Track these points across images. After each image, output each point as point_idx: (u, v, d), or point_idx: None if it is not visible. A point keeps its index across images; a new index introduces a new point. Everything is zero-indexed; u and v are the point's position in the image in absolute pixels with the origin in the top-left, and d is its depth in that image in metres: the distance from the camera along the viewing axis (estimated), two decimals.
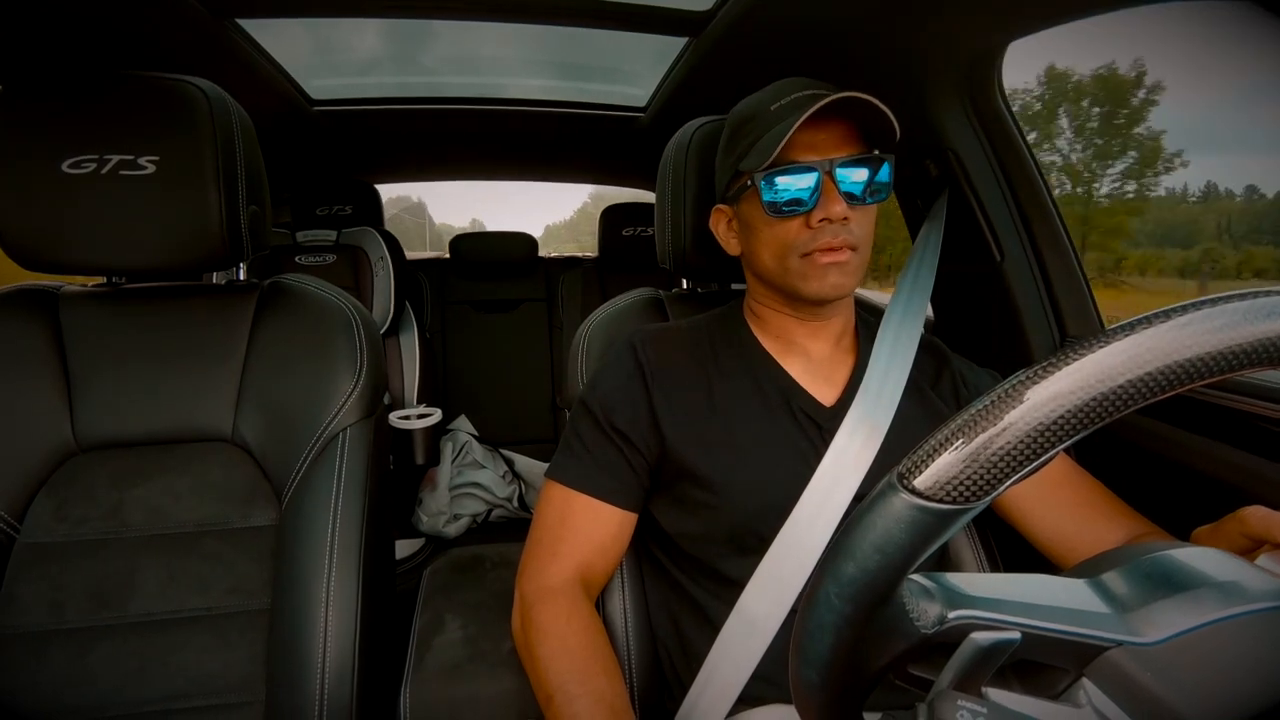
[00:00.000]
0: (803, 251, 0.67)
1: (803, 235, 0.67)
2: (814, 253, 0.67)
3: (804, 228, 0.67)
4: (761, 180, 0.67)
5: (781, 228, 0.68)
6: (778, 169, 0.66)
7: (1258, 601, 0.30)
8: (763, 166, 0.66)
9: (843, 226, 0.66)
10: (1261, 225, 18.62)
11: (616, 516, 0.72)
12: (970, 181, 0.99)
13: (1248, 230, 28.71)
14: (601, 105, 1.64)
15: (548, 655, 0.65)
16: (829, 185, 0.66)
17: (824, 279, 0.67)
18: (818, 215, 0.66)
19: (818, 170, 0.65)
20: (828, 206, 0.65)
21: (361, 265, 1.98)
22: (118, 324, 0.83)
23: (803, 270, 0.68)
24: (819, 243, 0.66)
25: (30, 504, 0.76)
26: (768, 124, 0.67)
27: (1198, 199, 13.65)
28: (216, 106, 0.78)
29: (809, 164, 0.66)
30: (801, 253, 0.67)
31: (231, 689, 0.73)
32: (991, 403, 0.29)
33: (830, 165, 0.65)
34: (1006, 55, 0.93)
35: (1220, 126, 45.78)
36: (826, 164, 0.65)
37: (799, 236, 0.67)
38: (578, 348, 0.87)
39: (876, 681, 0.34)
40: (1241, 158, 78.13)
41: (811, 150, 0.66)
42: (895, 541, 0.30)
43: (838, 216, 0.65)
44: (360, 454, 0.80)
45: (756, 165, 0.66)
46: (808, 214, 0.66)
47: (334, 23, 1.25)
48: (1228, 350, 0.27)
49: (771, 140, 0.64)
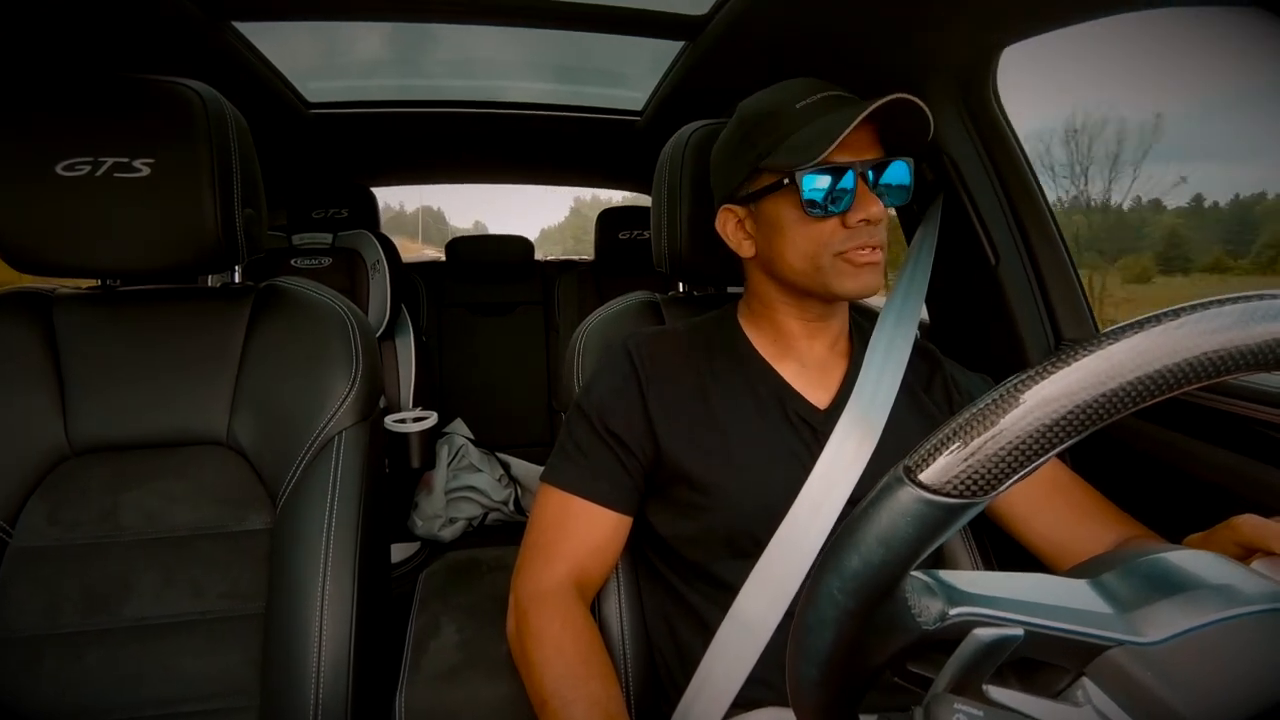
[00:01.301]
0: (837, 250, 0.67)
1: (839, 234, 0.67)
2: (849, 251, 0.67)
3: (840, 227, 0.67)
4: (803, 177, 0.66)
5: (817, 227, 0.68)
6: (819, 168, 0.65)
7: (1257, 604, 0.30)
8: (807, 164, 0.65)
9: (874, 228, 0.67)
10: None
11: (612, 520, 0.72)
12: (965, 185, 0.99)
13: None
14: (598, 109, 1.64)
15: (543, 660, 0.65)
16: (863, 186, 0.66)
17: (859, 278, 0.68)
18: (857, 215, 0.66)
19: (853, 170, 0.66)
20: (867, 207, 0.66)
21: (357, 268, 1.97)
22: (112, 327, 0.83)
23: (837, 269, 0.68)
24: (856, 242, 0.67)
25: (23, 507, 0.76)
26: (796, 122, 0.67)
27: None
28: (212, 109, 0.77)
29: (846, 164, 0.66)
30: (836, 251, 0.67)
31: (226, 693, 0.73)
32: (1001, 396, 0.29)
33: (864, 166, 0.66)
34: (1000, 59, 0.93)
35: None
36: (860, 165, 0.66)
37: (834, 235, 0.67)
38: (574, 351, 0.87)
39: (875, 678, 0.34)
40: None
41: (843, 151, 0.66)
42: (900, 535, 0.30)
43: (877, 218, 0.66)
44: (356, 458, 0.80)
45: (796, 163, 0.65)
46: (844, 214, 0.66)
47: (330, 26, 1.25)
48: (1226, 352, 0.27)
49: (822, 137, 0.64)
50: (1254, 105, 8.51)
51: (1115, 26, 0.76)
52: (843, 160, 0.66)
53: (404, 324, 2.04)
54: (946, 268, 0.96)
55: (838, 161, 0.65)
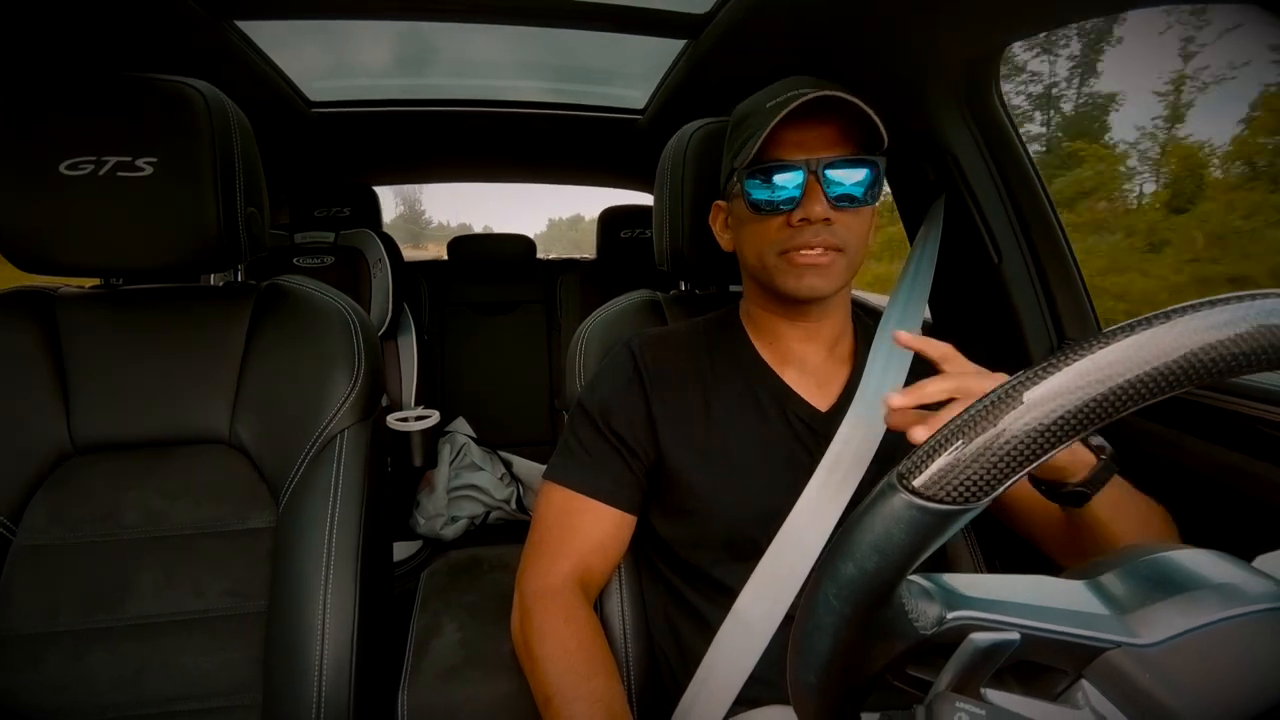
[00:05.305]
0: (780, 249, 0.67)
1: (782, 234, 0.67)
2: (790, 251, 0.67)
3: (784, 226, 0.67)
4: (746, 177, 0.67)
5: (763, 225, 0.68)
6: (762, 166, 0.66)
7: (1255, 603, 0.30)
8: (745, 164, 0.65)
9: (824, 227, 0.65)
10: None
11: (614, 518, 0.72)
12: (968, 184, 0.99)
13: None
14: (599, 108, 1.64)
15: (547, 656, 0.65)
16: (814, 185, 0.65)
17: (800, 279, 0.67)
18: (798, 215, 0.65)
19: (803, 169, 0.65)
20: (808, 206, 0.65)
21: (360, 267, 1.97)
22: (115, 326, 0.83)
23: (780, 268, 0.68)
24: (797, 242, 0.66)
25: (26, 506, 0.76)
26: (761, 122, 0.66)
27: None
28: (214, 108, 0.78)
29: (795, 163, 0.65)
30: (779, 250, 0.67)
31: (228, 691, 0.73)
32: (991, 403, 0.29)
33: (817, 165, 0.65)
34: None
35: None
36: (814, 163, 0.65)
37: (778, 235, 0.67)
38: (576, 349, 0.87)
39: (875, 682, 0.34)
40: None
41: (800, 149, 0.65)
42: (894, 542, 0.30)
43: (817, 217, 0.65)
44: (358, 456, 0.80)
45: (739, 163, 0.66)
46: (789, 213, 0.66)
47: (333, 24, 1.25)
48: (1226, 353, 0.27)
49: (753, 138, 0.64)
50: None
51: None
52: (793, 158, 0.65)
53: (406, 323, 2.05)
54: (949, 267, 0.96)
55: (789, 160, 0.65)
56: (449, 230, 11.53)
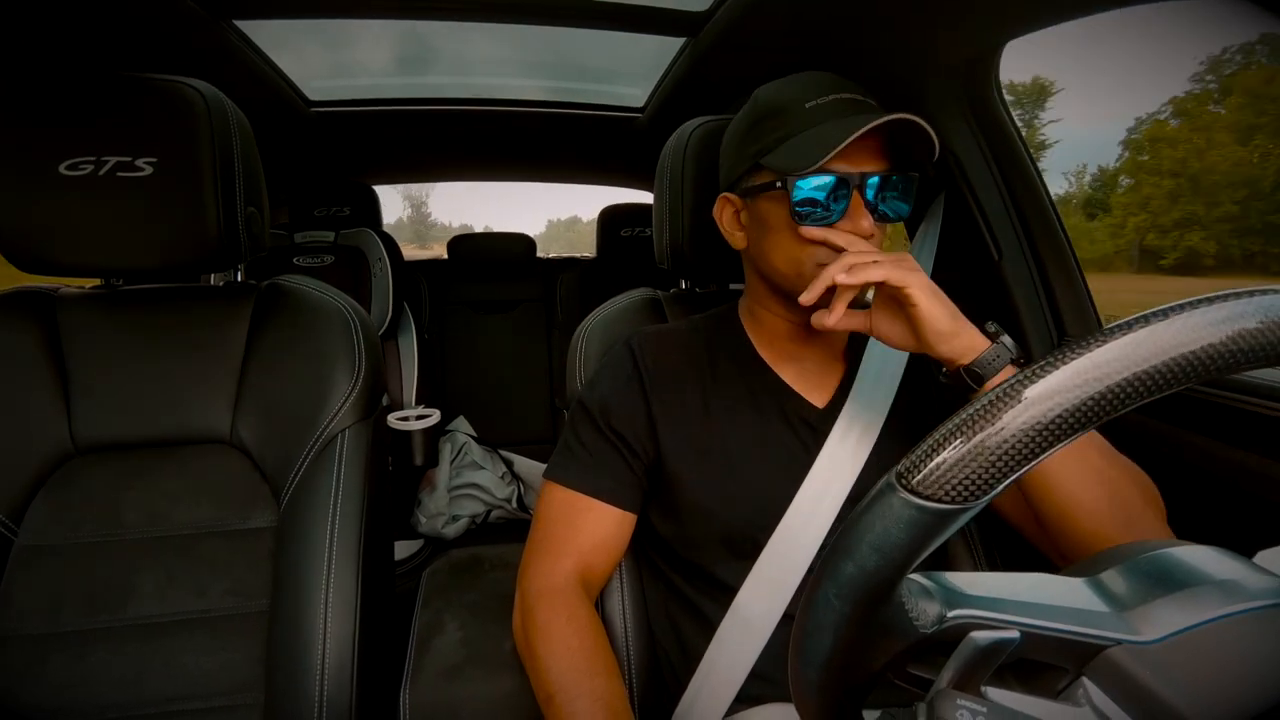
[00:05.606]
0: (821, 261, 0.64)
1: (824, 247, 0.65)
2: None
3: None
4: (795, 184, 0.63)
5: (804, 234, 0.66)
6: (814, 176, 0.63)
7: (1256, 599, 0.29)
8: (801, 170, 0.62)
9: (866, 242, 0.64)
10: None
11: (615, 516, 0.72)
12: (968, 181, 0.99)
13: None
14: (599, 106, 1.64)
15: (548, 655, 0.65)
16: (858, 200, 0.63)
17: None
18: (845, 229, 0.63)
19: (851, 183, 0.63)
20: (856, 222, 0.63)
21: (360, 266, 1.97)
22: (115, 326, 0.83)
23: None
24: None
25: (28, 506, 0.76)
26: (802, 123, 0.64)
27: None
28: (214, 108, 0.78)
29: (843, 174, 0.63)
30: (820, 262, 0.64)
31: (230, 691, 0.73)
32: (990, 402, 0.29)
33: (862, 180, 0.63)
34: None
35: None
36: (858, 177, 0.63)
37: (820, 247, 0.65)
38: (576, 348, 0.87)
39: (876, 681, 0.34)
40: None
41: (844, 160, 0.62)
42: (894, 541, 0.30)
43: (865, 233, 0.63)
44: (359, 455, 0.80)
45: (792, 167, 0.63)
46: (833, 226, 0.64)
47: (332, 24, 1.25)
48: (1226, 349, 0.27)
49: (819, 146, 0.61)
50: None
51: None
52: (840, 170, 0.63)
53: (406, 322, 2.05)
54: (949, 264, 0.96)
55: (835, 171, 0.63)
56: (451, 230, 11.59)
